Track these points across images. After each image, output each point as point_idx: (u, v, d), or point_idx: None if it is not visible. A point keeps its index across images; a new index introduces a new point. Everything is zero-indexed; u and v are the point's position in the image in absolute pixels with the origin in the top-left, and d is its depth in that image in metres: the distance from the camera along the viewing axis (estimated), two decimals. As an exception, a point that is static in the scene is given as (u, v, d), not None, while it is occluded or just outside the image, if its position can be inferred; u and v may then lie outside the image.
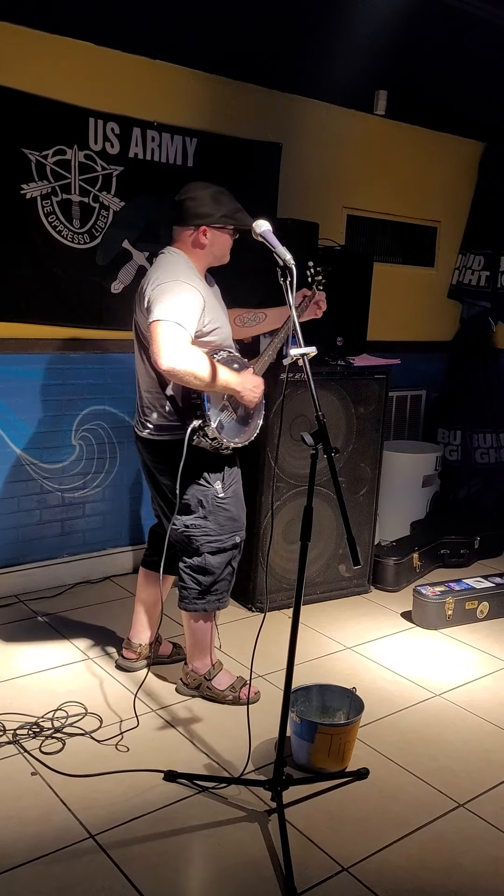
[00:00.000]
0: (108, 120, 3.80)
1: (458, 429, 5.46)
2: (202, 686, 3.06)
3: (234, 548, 2.97)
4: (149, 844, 2.28)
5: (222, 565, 2.94)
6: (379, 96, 4.52)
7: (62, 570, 4.11)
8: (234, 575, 3.02)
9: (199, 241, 2.78)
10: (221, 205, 2.76)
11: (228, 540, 2.93)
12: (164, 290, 2.63)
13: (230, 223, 2.78)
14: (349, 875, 2.20)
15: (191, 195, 2.76)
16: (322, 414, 2.24)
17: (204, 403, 2.71)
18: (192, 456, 2.74)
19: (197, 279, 2.75)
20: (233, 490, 2.94)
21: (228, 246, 2.86)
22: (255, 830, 2.35)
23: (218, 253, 2.85)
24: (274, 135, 4.35)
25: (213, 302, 2.82)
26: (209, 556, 2.92)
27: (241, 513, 3.00)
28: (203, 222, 2.75)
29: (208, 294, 2.78)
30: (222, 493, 2.90)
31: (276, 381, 3.68)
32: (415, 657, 3.55)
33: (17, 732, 2.76)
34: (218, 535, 2.91)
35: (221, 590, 2.97)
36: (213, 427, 2.72)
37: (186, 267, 2.76)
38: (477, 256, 5.44)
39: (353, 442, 4.02)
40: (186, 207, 2.76)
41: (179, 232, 2.82)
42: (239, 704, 2.99)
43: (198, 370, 2.57)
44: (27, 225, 3.68)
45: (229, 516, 2.92)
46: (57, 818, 2.37)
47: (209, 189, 2.78)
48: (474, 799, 2.56)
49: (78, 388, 3.99)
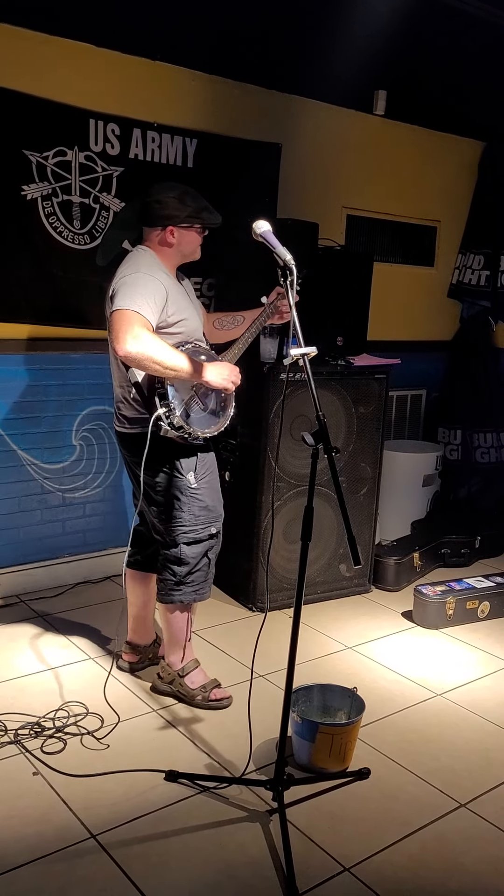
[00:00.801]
0: (109, 121, 3.80)
1: (459, 428, 5.46)
2: (175, 682, 3.05)
3: (210, 538, 2.97)
4: (150, 844, 2.28)
5: (198, 556, 2.95)
6: (378, 96, 4.53)
7: (63, 570, 4.11)
8: (211, 566, 3.01)
9: (166, 240, 2.83)
10: (186, 205, 2.81)
11: (203, 530, 2.94)
12: (126, 282, 2.69)
13: (196, 222, 2.84)
14: (350, 875, 2.20)
15: (156, 198, 2.82)
16: (322, 414, 2.24)
17: (167, 391, 2.72)
18: (164, 446, 2.79)
19: (161, 272, 2.79)
20: (206, 480, 2.95)
21: (197, 243, 2.90)
22: (257, 830, 2.35)
23: (186, 251, 2.89)
24: (273, 135, 4.35)
25: (179, 295, 2.84)
26: (184, 546, 2.92)
27: (217, 503, 3.00)
28: (169, 223, 2.81)
29: (173, 287, 2.81)
30: (195, 483, 2.90)
31: (277, 381, 3.69)
32: (416, 657, 3.55)
33: (18, 732, 2.77)
34: (193, 526, 2.92)
35: (198, 581, 2.97)
36: (177, 416, 2.73)
37: (152, 261, 2.81)
38: (477, 256, 5.44)
39: (354, 442, 4.02)
40: (153, 210, 2.82)
41: (148, 232, 2.88)
42: (207, 707, 2.99)
43: (155, 355, 2.58)
44: (28, 226, 3.68)
45: (203, 506, 2.93)
46: (58, 818, 2.37)
47: (173, 191, 2.83)
48: (475, 799, 2.56)
49: (78, 389, 4.00)
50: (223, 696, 3.03)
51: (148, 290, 2.68)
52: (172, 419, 2.72)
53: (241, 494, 3.88)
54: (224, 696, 3.03)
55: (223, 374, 2.76)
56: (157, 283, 2.71)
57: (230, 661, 3.38)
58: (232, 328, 3.16)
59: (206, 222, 2.87)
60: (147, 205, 2.85)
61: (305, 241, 3.86)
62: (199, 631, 3.64)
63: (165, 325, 2.76)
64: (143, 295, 2.65)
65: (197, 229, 2.87)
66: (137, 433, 2.84)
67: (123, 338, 2.57)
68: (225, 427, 2.96)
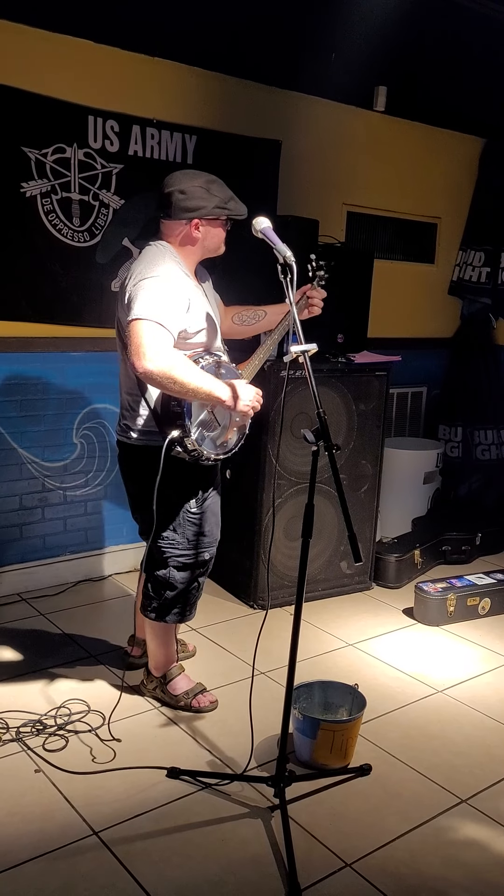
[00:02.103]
0: (108, 118, 3.80)
1: (459, 425, 5.46)
2: (158, 688, 3.00)
3: (202, 565, 2.85)
4: (152, 841, 2.28)
5: (186, 581, 2.83)
6: (379, 92, 4.52)
7: (64, 568, 4.11)
8: (199, 590, 2.90)
9: (190, 235, 2.62)
10: (213, 194, 2.59)
11: (197, 556, 2.82)
12: (145, 286, 2.46)
13: (224, 214, 2.62)
14: (352, 870, 2.20)
15: (179, 187, 2.57)
16: (323, 411, 2.24)
17: (185, 413, 2.54)
18: (170, 467, 2.58)
19: (183, 275, 2.60)
20: (207, 505, 2.81)
21: (222, 237, 2.70)
22: (258, 827, 2.36)
23: (211, 246, 2.69)
24: (273, 131, 4.34)
25: (201, 300, 2.66)
26: (174, 570, 2.80)
27: (214, 528, 2.87)
28: (195, 215, 2.58)
29: (195, 292, 2.63)
30: (195, 507, 2.77)
31: (277, 378, 3.69)
32: (416, 654, 3.55)
33: (20, 730, 2.77)
34: (185, 550, 2.79)
35: (184, 605, 2.87)
36: (192, 439, 2.56)
37: (172, 262, 2.59)
38: (477, 253, 5.43)
39: (354, 439, 4.02)
40: (175, 200, 2.57)
41: (168, 226, 2.64)
42: (191, 711, 2.93)
43: (177, 375, 2.39)
44: (27, 223, 3.68)
45: (199, 532, 2.80)
46: (60, 815, 2.38)
47: (199, 178, 2.60)
48: (476, 794, 2.56)
49: (79, 387, 4.00)
50: (206, 703, 2.95)
51: (170, 298, 2.47)
52: (186, 442, 2.55)
53: (242, 492, 3.88)
54: (207, 702, 2.95)
55: (244, 399, 2.54)
56: (180, 292, 2.51)
57: (231, 659, 3.39)
58: (252, 323, 3.01)
59: (235, 213, 2.63)
60: (168, 196, 2.59)
61: (306, 238, 3.86)
62: (199, 628, 3.65)
63: (185, 334, 2.57)
64: (164, 304, 2.44)
65: (223, 222, 2.65)
66: (141, 446, 2.69)
67: (145, 354, 2.36)
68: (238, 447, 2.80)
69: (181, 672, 3.02)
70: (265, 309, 3.00)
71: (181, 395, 2.47)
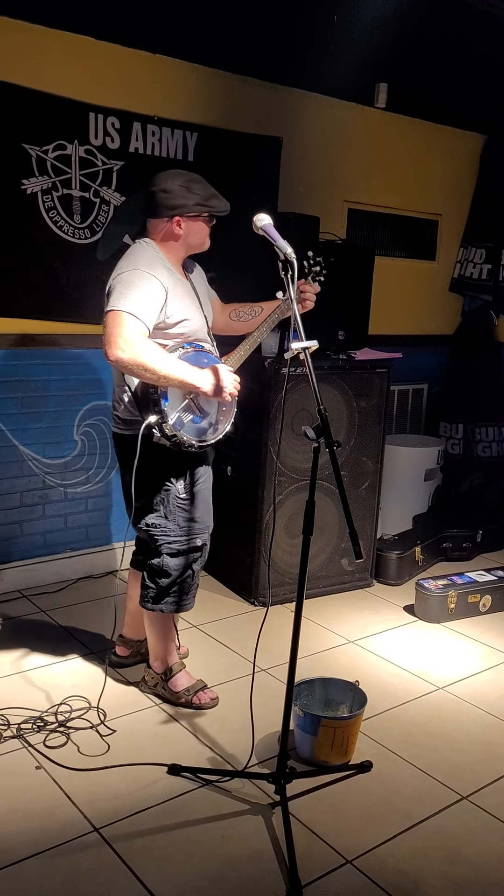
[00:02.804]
0: (109, 114, 3.79)
1: (460, 422, 5.46)
2: (159, 685, 3.01)
3: (195, 551, 2.88)
4: (153, 838, 2.28)
5: (180, 568, 2.86)
6: (380, 89, 4.51)
7: (65, 565, 4.11)
8: (195, 578, 2.92)
9: (172, 231, 2.71)
10: (194, 192, 2.68)
11: (188, 542, 2.85)
12: (123, 279, 2.58)
13: (204, 210, 2.71)
14: (353, 867, 2.20)
15: (162, 186, 2.68)
16: (324, 408, 2.24)
17: (161, 399, 2.60)
18: (155, 452, 2.68)
19: (162, 269, 2.66)
20: (196, 491, 2.84)
21: (205, 233, 2.78)
22: (259, 823, 2.36)
23: (194, 242, 2.77)
24: (274, 128, 4.34)
25: (184, 292, 2.72)
26: (167, 557, 2.84)
27: (206, 515, 2.89)
28: (175, 213, 2.68)
29: (177, 284, 2.70)
30: (183, 493, 2.80)
31: (278, 375, 3.68)
32: (417, 651, 3.56)
33: (21, 727, 2.77)
34: (177, 537, 2.83)
35: (180, 592, 2.89)
36: (170, 424, 2.62)
37: (153, 257, 2.68)
38: (478, 249, 5.43)
39: (355, 436, 4.02)
40: (158, 199, 2.68)
41: (152, 223, 2.74)
42: (192, 708, 2.94)
43: (147, 363, 2.47)
44: (28, 220, 3.68)
45: (190, 518, 2.83)
46: (61, 812, 2.38)
47: (180, 178, 2.70)
48: (477, 791, 2.56)
49: (80, 384, 3.99)
50: (207, 700, 2.96)
51: (145, 290, 2.55)
52: (164, 428, 2.62)
53: (243, 489, 3.89)
54: (208, 699, 2.96)
55: (219, 384, 2.61)
56: (156, 283, 2.58)
57: (232, 656, 3.39)
58: (250, 319, 3.05)
59: (216, 210, 2.73)
60: (151, 194, 2.70)
61: (307, 234, 3.86)
62: (200, 625, 3.65)
63: (164, 325, 2.65)
64: (139, 296, 2.53)
65: (205, 218, 2.74)
66: (130, 435, 2.73)
67: (115, 342, 2.47)
68: (223, 436, 2.83)
69: (182, 668, 3.02)
70: (262, 305, 3.05)
71: (154, 381, 2.56)
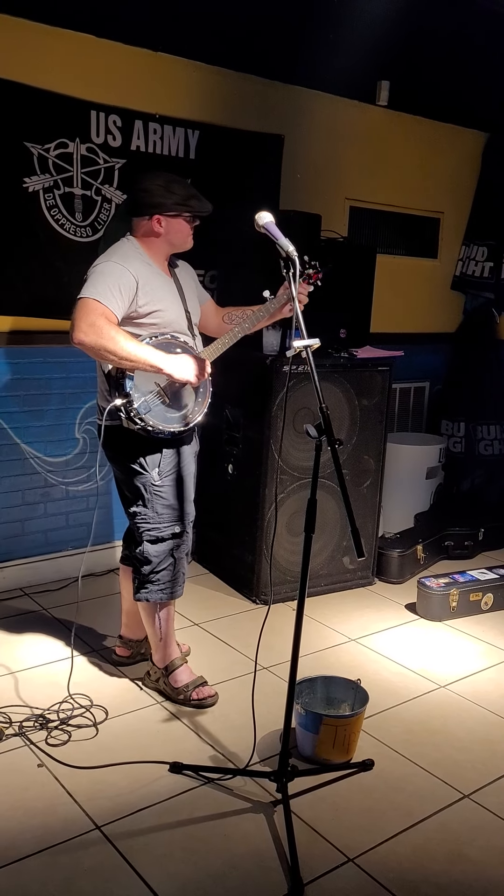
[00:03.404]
0: (110, 112, 3.79)
1: (462, 420, 5.45)
2: (161, 681, 3.02)
3: (174, 537, 2.91)
4: (155, 836, 2.29)
5: (161, 555, 2.90)
6: (381, 87, 4.51)
7: (66, 562, 4.12)
8: (177, 566, 2.94)
9: (152, 229, 2.78)
10: (172, 192, 2.75)
11: (166, 529, 2.88)
12: (95, 270, 2.68)
13: (183, 210, 2.77)
14: (354, 865, 2.20)
15: (142, 187, 2.77)
16: (325, 406, 2.24)
17: (125, 382, 2.67)
18: (130, 440, 2.77)
19: (138, 262, 2.73)
20: (172, 478, 2.88)
21: (186, 233, 2.83)
22: (261, 821, 2.36)
23: (176, 241, 2.83)
24: (276, 126, 4.33)
25: (158, 286, 2.77)
26: (148, 544, 2.89)
27: (183, 502, 2.92)
28: (155, 211, 2.75)
29: (151, 276, 2.75)
30: (159, 479, 2.84)
31: (280, 373, 3.68)
32: (419, 649, 3.55)
33: (23, 724, 2.78)
34: (156, 524, 2.88)
35: (164, 580, 2.91)
36: (135, 407, 2.67)
37: (130, 251, 2.76)
38: (480, 247, 5.42)
39: (357, 434, 4.02)
40: (139, 198, 2.77)
41: (135, 222, 2.83)
42: (190, 705, 2.94)
43: (108, 344, 2.55)
44: (30, 218, 3.68)
45: (166, 504, 2.87)
46: (63, 809, 2.38)
47: (160, 178, 2.78)
48: (479, 790, 2.56)
49: (81, 382, 3.99)
50: (206, 696, 2.96)
51: (114, 278, 2.63)
52: (130, 411, 2.67)
53: (245, 487, 3.89)
54: (207, 695, 2.97)
55: (185, 367, 2.67)
56: (126, 273, 2.65)
57: (234, 654, 3.39)
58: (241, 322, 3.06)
59: (195, 210, 2.79)
60: (133, 193, 2.81)
61: (308, 232, 3.85)
62: (202, 623, 3.65)
63: (136, 315, 2.72)
64: (107, 284, 2.61)
65: (185, 218, 2.80)
66: (108, 425, 2.77)
67: (78, 325, 2.57)
68: (195, 423, 2.85)
69: (182, 664, 3.03)
70: (254, 309, 3.05)
71: (118, 363, 2.63)
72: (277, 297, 2.91)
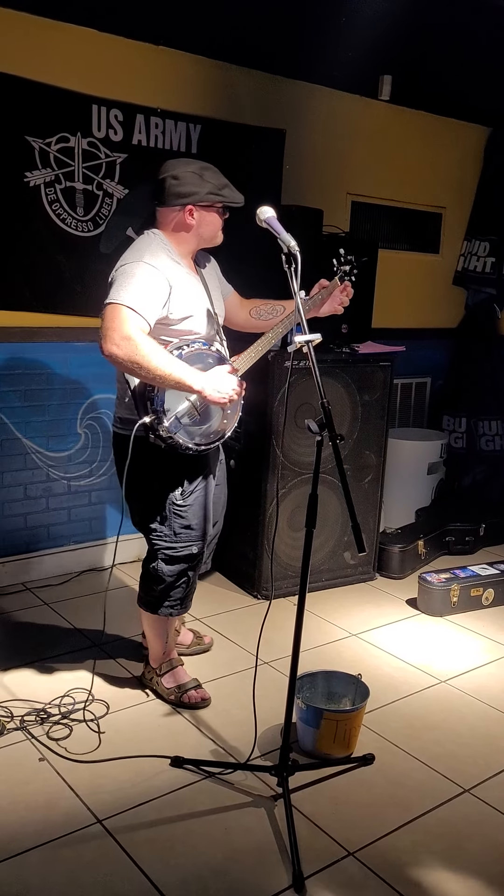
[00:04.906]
0: (112, 107, 3.78)
1: (464, 416, 5.45)
2: (153, 680, 2.99)
3: (190, 559, 2.80)
4: (156, 829, 2.29)
5: (175, 574, 2.80)
6: (384, 81, 4.50)
7: (68, 558, 4.12)
8: (190, 584, 2.85)
9: (184, 222, 2.60)
10: (207, 181, 2.57)
11: (183, 549, 2.77)
12: (125, 271, 2.48)
13: (218, 200, 2.59)
14: (355, 859, 2.21)
15: (172, 172, 2.56)
16: (327, 401, 2.24)
17: (157, 399, 2.51)
18: (152, 455, 2.60)
19: (168, 262, 2.56)
20: (194, 498, 2.74)
21: (218, 225, 2.66)
22: (262, 815, 2.37)
23: (206, 234, 2.66)
24: (278, 121, 4.32)
25: (191, 288, 2.63)
26: (162, 563, 2.79)
27: (203, 523, 2.79)
28: (188, 201, 2.56)
29: (185, 279, 2.60)
30: (181, 499, 2.71)
31: (281, 368, 3.68)
32: (420, 644, 3.56)
33: (24, 718, 2.78)
34: (172, 543, 2.76)
35: (176, 597, 2.84)
36: (165, 426, 2.52)
37: (159, 249, 2.57)
38: (482, 243, 5.41)
39: (358, 429, 4.02)
40: (168, 186, 2.56)
41: (162, 213, 2.62)
42: (181, 706, 2.90)
43: (143, 360, 2.37)
44: (31, 213, 3.67)
45: (185, 525, 2.75)
46: (64, 803, 2.39)
47: (192, 165, 2.59)
48: (479, 784, 2.57)
49: (83, 377, 3.99)
50: (197, 700, 2.91)
51: (147, 282, 2.46)
52: (159, 429, 2.52)
53: (246, 482, 3.89)
54: (198, 699, 2.91)
55: (219, 388, 2.50)
56: (159, 276, 2.49)
57: (235, 649, 3.39)
58: (270, 318, 2.95)
59: (229, 200, 2.60)
60: (162, 181, 2.57)
61: (310, 227, 3.84)
62: (203, 618, 3.66)
63: (168, 321, 2.56)
64: (140, 289, 2.44)
65: (218, 209, 2.62)
66: (124, 435, 2.61)
67: (110, 336, 2.38)
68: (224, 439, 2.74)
69: (176, 666, 2.98)
70: (283, 304, 2.96)
71: (149, 380, 2.45)
72: (312, 296, 2.81)
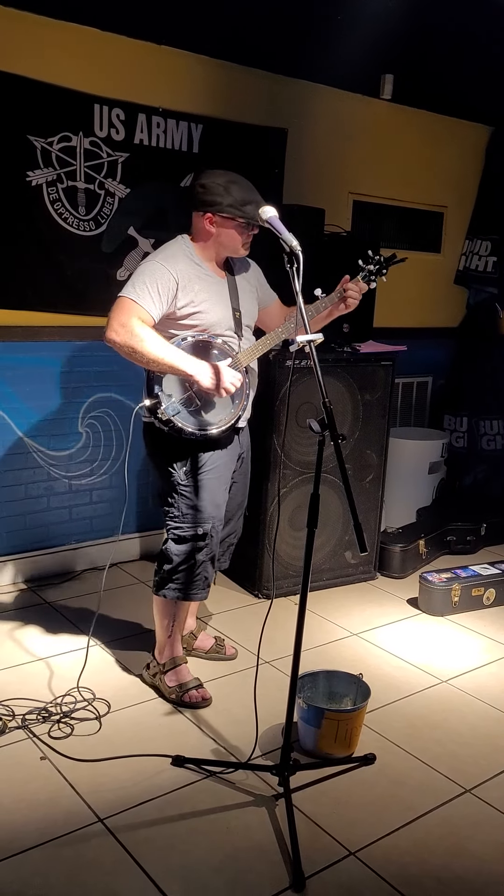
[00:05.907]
0: (114, 106, 3.78)
1: (465, 415, 5.45)
2: (157, 676, 3.00)
3: (196, 539, 2.85)
4: (157, 828, 2.29)
5: (183, 554, 2.86)
6: (385, 80, 4.49)
7: (70, 556, 4.12)
8: (200, 568, 2.88)
9: (204, 228, 2.73)
10: (230, 194, 2.66)
11: (189, 529, 2.84)
12: (139, 269, 2.69)
13: (236, 214, 2.67)
14: (356, 859, 2.21)
15: (202, 181, 2.70)
16: (328, 401, 2.24)
17: (155, 384, 2.68)
18: (162, 439, 2.79)
19: (184, 262, 2.70)
20: (200, 479, 2.83)
21: (237, 239, 2.74)
22: (263, 815, 2.37)
23: (227, 244, 2.75)
24: (279, 120, 4.32)
25: (203, 286, 2.72)
26: (171, 542, 2.88)
27: (209, 505, 2.85)
28: (208, 210, 2.69)
29: (196, 277, 2.70)
30: (184, 480, 2.82)
31: (283, 367, 3.68)
32: (421, 644, 3.56)
33: (25, 717, 2.78)
34: (179, 523, 2.86)
35: (182, 580, 2.87)
36: (162, 408, 2.67)
37: (178, 251, 2.74)
38: (484, 242, 5.41)
39: (360, 429, 4.02)
40: (196, 193, 2.72)
41: (193, 218, 2.78)
42: (182, 706, 2.91)
43: (137, 345, 2.56)
44: (33, 212, 3.67)
45: (191, 505, 2.83)
46: (66, 802, 2.39)
47: (221, 177, 2.69)
48: (481, 784, 2.57)
49: (84, 376, 3.99)
50: (198, 699, 2.92)
51: (153, 279, 2.62)
52: (158, 412, 2.67)
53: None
54: (198, 698, 2.92)
55: (215, 377, 2.63)
56: (166, 273, 2.63)
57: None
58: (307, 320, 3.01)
59: (247, 217, 2.66)
60: (192, 188, 2.75)
61: (312, 227, 3.84)
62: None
63: (175, 316, 2.69)
64: (146, 284, 2.61)
65: (240, 224, 2.69)
66: (147, 422, 2.83)
67: (111, 324, 2.60)
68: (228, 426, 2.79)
69: (180, 664, 2.99)
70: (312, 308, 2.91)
71: (146, 365, 2.64)
72: (329, 295, 2.84)
